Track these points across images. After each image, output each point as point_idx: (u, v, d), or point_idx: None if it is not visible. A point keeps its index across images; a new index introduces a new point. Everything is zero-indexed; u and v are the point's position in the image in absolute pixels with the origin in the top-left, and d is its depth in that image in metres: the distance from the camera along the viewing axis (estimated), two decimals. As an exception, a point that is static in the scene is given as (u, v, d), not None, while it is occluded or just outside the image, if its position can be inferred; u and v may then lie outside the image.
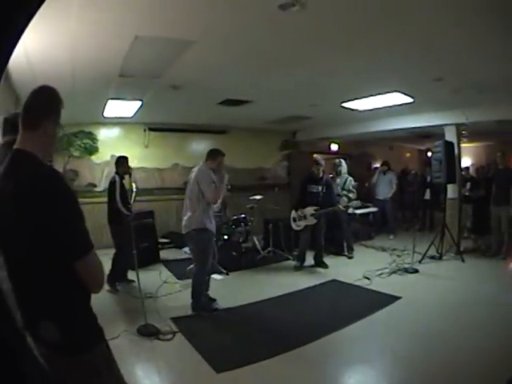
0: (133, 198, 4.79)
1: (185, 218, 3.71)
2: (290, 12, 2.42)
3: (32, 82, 1.13)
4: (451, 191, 6.13)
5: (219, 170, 3.76)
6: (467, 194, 6.43)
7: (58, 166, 6.46)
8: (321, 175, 5.43)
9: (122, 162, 4.62)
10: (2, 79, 1.09)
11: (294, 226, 5.54)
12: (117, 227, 4.46)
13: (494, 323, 3.31)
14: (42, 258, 1.14)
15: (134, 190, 5.05)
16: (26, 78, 3.45)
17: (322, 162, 5.51)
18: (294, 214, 5.54)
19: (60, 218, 1.13)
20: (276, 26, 2.75)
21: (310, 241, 5.50)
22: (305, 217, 5.37)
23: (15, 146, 1.21)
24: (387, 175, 7.81)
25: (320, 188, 5.35)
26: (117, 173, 4.59)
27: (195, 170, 3.84)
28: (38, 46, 2.87)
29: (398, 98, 5.36)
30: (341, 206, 5.41)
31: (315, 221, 5.26)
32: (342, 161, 6.00)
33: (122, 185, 4.52)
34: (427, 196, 7.65)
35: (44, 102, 1.24)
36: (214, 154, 3.81)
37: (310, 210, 5.31)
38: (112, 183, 4.53)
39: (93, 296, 1.28)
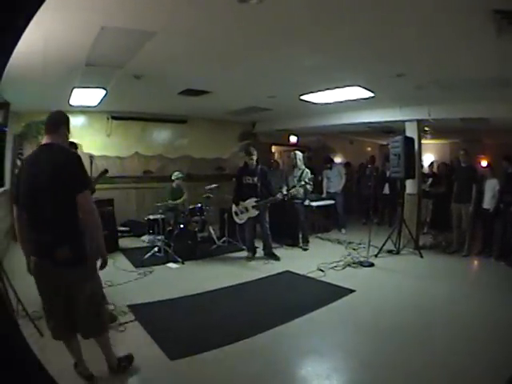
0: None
1: None
2: (249, 5, 2.47)
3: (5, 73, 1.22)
4: (410, 186, 6.14)
5: None
6: (427, 189, 6.45)
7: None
8: (254, 166, 5.26)
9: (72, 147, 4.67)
10: (2, 79, 1.14)
11: (236, 219, 5.42)
12: None
13: (448, 320, 3.30)
14: (62, 198, 1.99)
15: None
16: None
17: (254, 152, 5.29)
18: (234, 208, 5.40)
19: (77, 172, 2.06)
20: (235, 19, 2.80)
21: (254, 232, 5.43)
22: (246, 209, 5.27)
23: (44, 142, 2.16)
24: (334, 169, 7.62)
25: (256, 179, 5.18)
26: None
27: None
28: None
29: (358, 93, 5.34)
30: (279, 196, 5.22)
31: (257, 212, 5.16)
32: (299, 153, 5.91)
33: None
34: (386, 191, 7.63)
35: (61, 117, 2.30)
36: None
37: (250, 202, 5.21)
38: None
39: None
